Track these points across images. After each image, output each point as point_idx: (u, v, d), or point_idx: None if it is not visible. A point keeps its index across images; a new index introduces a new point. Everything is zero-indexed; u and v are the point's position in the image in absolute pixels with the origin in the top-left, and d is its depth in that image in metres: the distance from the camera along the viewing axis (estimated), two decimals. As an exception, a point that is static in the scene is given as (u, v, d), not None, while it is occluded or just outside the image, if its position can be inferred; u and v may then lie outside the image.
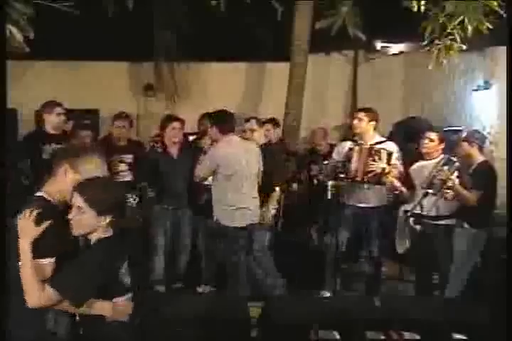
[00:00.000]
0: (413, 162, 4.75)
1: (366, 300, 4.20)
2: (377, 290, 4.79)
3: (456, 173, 4.28)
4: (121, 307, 2.23)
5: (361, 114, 4.69)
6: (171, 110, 6.90)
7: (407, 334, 3.47)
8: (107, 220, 2.21)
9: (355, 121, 4.69)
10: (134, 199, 2.22)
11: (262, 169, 4.60)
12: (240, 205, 4.39)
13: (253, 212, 4.46)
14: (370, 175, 4.49)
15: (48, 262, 2.17)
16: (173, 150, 4.93)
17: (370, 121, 4.67)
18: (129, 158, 4.96)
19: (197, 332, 3.44)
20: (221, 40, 7.09)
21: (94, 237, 2.23)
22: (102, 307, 2.21)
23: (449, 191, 4.28)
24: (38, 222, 2.15)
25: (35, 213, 2.16)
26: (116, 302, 2.23)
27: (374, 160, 4.47)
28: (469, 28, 4.88)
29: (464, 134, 4.59)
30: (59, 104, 4.69)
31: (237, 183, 4.37)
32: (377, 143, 4.69)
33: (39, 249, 2.15)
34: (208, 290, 4.93)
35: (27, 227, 2.14)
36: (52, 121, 4.62)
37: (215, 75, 7.68)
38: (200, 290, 4.94)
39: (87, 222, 2.20)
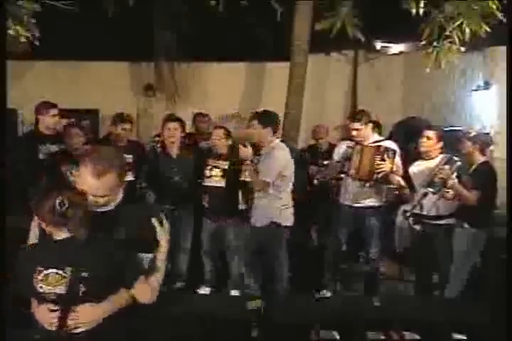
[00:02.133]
0: (412, 162, 4.76)
1: (366, 300, 4.21)
2: (375, 290, 4.79)
3: (456, 173, 4.29)
4: (40, 314, 2.16)
5: (356, 124, 4.66)
6: (171, 110, 6.90)
7: (407, 334, 3.48)
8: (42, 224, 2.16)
9: (354, 133, 4.67)
10: (61, 206, 2.06)
11: None
12: (289, 204, 4.47)
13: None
14: (380, 175, 4.49)
15: None
16: (172, 150, 4.94)
17: (366, 124, 4.67)
18: (128, 158, 4.96)
19: (197, 331, 3.44)
20: (221, 40, 7.09)
21: None
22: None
23: (449, 190, 4.29)
24: None
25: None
26: (38, 307, 2.17)
27: (383, 160, 4.47)
28: (467, 30, 4.89)
29: (470, 134, 4.58)
30: (54, 105, 4.69)
31: (287, 183, 4.42)
32: (376, 141, 4.69)
33: None
34: (209, 292, 4.93)
35: None
36: (47, 122, 4.63)
37: (215, 75, 7.68)
38: (201, 291, 4.95)
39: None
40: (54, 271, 2.10)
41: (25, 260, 2.16)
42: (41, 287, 2.10)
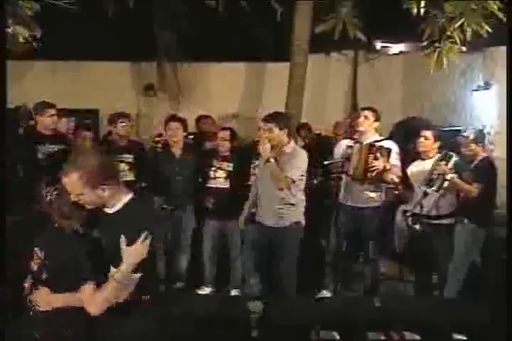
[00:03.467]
0: (411, 162, 4.76)
1: (366, 301, 4.21)
2: (375, 291, 4.78)
3: (454, 169, 4.29)
4: None
5: (367, 113, 4.67)
6: (174, 110, 6.91)
7: (407, 335, 3.47)
8: None
9: (361, 119, 4.66)
10: (46, 195, 2.26)
11: None
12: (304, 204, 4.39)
13: None
14: (373, 173, 4.48)
15: None
16: (176, 150, 4.93)
17: (374, 120, 4.67)
18: (129, 158, 4.95)
19: (197, 331, 3.44)
20: (221, 40, 7.10)
21: None
22: None
23: (449, 185, 4.29)
24: None
25: None
26: None
27: (375, 158, 4.46)
28: (468, 30, 4.89)
29: (472, 136, 4.56)
30: (52, 106, 4.68)
31: (303, 182, 4.33)
32: (375, 141, 4.68)
33: None
34: (209, 292, 4.93)
35: None
36: (45, 122, 4.63)
37: (215, 75, 7.68)
38: (201, 291, 4.95)
39: None
40: (37, 249, 2.33)
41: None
42: (33, 262, 2.34)
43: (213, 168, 4.83)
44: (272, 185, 4.17)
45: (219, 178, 4.81)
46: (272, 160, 4.09)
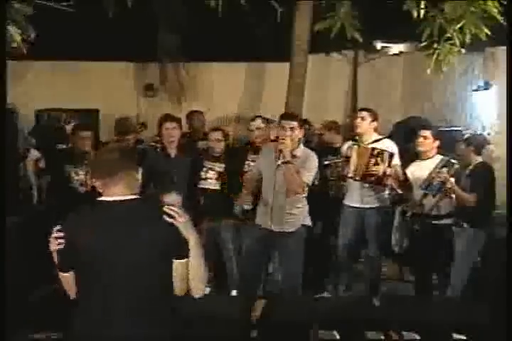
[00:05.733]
0: (411, 162, 4.75)
1: (366, 301, 4.21)
2: (376, 291, 4.78)
3: (454, 176, 4.29)
4: None
5: (364, 113, 4.67)
6: (172, 110, 6.91)
7: (406, 334, 3.48)
8: None
9: (358, 120, 4.66)
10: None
11: None
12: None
13: None
14: (372, 178, 4.46)
15: None
16: (171, 150, 4.91)
17: (372, 121, 4.66)
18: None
19: (197, 331, 3.44)
20: (221, 40, 7.10)
21: None
22: None
23: (448, 193, 4.29)
24: None
25: None
26: None
27: (376, 163, 4.43)
28: (468, 32, 4.89)
29: (465, 136, 4.58)
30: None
31: None
32: (375, 141, 4.68)
33: None
34: (208, 292, 4.93)
35: None
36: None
37: (215, 75, 7.69)
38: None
39: None
40: None
41: None
42: None
43: (204, 169, 4.82)
44: (284, 189, 3.98)
45: (209, 179, 4.79)
46: (291, 162, 3.86)
